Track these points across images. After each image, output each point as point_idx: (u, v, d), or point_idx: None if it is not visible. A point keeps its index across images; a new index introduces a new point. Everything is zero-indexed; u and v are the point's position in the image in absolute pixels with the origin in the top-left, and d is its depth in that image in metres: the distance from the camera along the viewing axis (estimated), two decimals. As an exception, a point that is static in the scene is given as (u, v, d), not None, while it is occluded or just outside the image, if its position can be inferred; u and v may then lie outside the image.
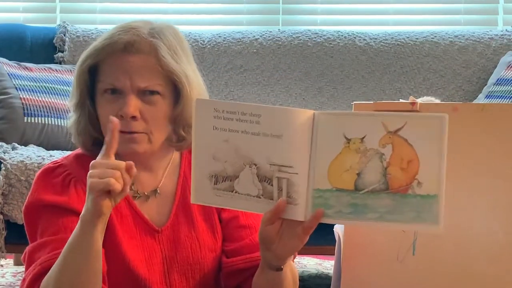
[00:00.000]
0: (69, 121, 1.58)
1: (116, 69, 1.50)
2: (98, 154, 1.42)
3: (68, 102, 1.57)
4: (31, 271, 1.47)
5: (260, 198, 1.36)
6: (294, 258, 1.57)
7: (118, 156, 1.45)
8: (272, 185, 1.35)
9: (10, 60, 3.06)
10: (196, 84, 1.58)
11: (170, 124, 1.55)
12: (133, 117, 1.49)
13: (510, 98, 2.98)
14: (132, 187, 1.57)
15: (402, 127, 1.30)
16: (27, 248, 1.52)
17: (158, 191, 1.60)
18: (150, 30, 1.53)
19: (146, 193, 1.59)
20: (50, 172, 1.55)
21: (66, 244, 1.41)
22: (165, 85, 1.53)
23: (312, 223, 1.33)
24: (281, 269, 1.44)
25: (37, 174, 1.56)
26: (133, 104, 1.49)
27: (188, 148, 1.59)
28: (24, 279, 1.48)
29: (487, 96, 3.08)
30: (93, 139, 1.56)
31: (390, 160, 1.31)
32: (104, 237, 1.44)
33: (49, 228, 1.50)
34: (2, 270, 3.18)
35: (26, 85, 2.96)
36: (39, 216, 1.52)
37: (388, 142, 1.30)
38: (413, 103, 1.52)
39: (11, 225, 2.47)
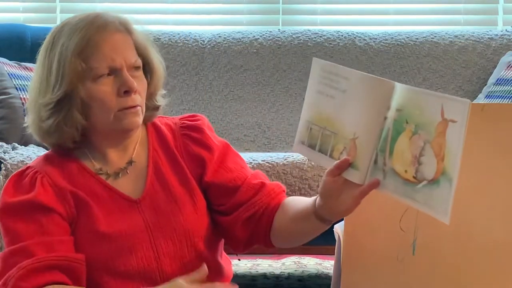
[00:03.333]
0: (46, 121, 1.57)
1: (109, 50, 1.54)
2: (80, 144, 1.59)
3: (41, 99, 1.56)
4: (14, 274, 1.49)
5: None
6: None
7: (106, 134, 1.58)
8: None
9: (10, 60, 3.06)
10: (158, 59, 1.67)
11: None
12: (135, 91, 1.56)
13: (510, 98, 2.98)
14: (101, 169, 1.62)
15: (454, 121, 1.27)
16: (1, 255, 1.55)
17: (134, 160, 1.64)
18: (115, 16, 1.61)
19: (118, 170, 1.63)
20: (19, 176, 1.59)
21: None
22: (140, 62, 1.60)
23: (368, 190, 1.40)
24: (330, 223, 1.53)
25: (9, 179, 1.59)
26: (132, 79, 1.55)
27: (152, 119, 1.68)
28: (5, 283, 1.50)
29: (487, 96, 3.08)
30: (82, 129, 1.58)
31: (432, 146, 1.29)
32: (83, 220, 1.54)
33: (21, 232, 1.53)
34: (2, 270, 3.19)
35: (26, 85, 2.95)
36: (8, 220, 1.55)
37: (441, 130, 1.28)
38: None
39: (11, 225, 2.47)
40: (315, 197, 1.52)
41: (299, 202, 1.60)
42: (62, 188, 1.56)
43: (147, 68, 1.62)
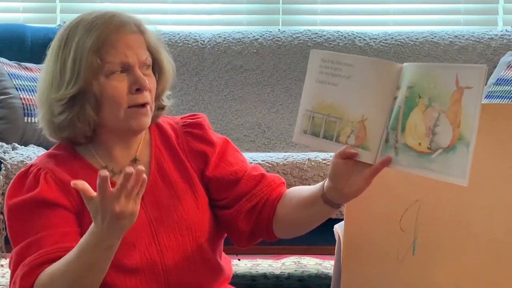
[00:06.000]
0: (59, 116, 1.59)
1: (123, 48, 1.57)
2: (90, 140, 1.60)
3: (54, 94, 1.58)
4: (19, 273, 1.51)
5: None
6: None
7: (115, 131, 1.60)
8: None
9: (10, 60, 3.06)
10: (169, 60, 1.69)
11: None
12: (146, 89, 1.58)
13: (510, 98, 2.98)
14: (107, 167, 1.63)
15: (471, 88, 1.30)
16: (12, 253, 1.57)
17: (137, 159, 1.65)
18: (130, 16, 1.65)
19: (123, 168, 1.62)
20: (23, 175, 1.60)
21: (82, 251, 1.45)
22: (151, 61, 1.63)
23: (380, 168, 1.42)
24: (339, 207, 1.54)
25: (13, 179, 1.61)
26: (144, 77, 1.58)
27: (157, 120, 1.70)
28: (14, 282, 1.52)
29: (487, 96, 3.08)
30: (94, 125, 1.60)
31: (447, 115, 1.32)
32: (88, 214, 1.52)
33: (27, 229, 1.54)
34: (2, 270, 3.19)
35: (26, 85, 2.96)
36: (14, 220, 1.57)
37: (457, 98, 1.31)
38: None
39: (11, 225, 2.48)
40: (322, 181, 1.53)
41: (304, 189, 1.61)
42: (65, 182, 1.57)
43: (156, 68, 1.64)
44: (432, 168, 1.33)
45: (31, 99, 2.91)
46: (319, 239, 2.52)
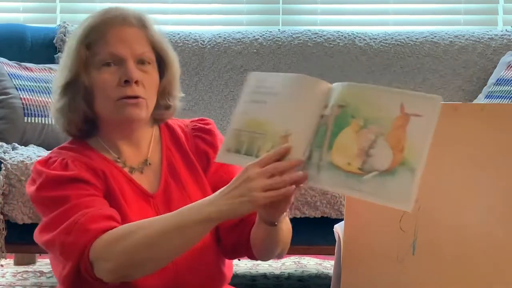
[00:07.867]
0: (56, 104, 1.62)
1: (115, 40, 1.58)
2: (86, 133, 1.62)
3: (53, 84, 1.63)
4: (78, 220, 1.47)
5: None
6: (288, 214, 1.61)
7: (112, 125, 1.60)
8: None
9: (10, 60, 3.06)
10: (174, 58, 1.69)
11: (157, 95, 1.66)
12: (136, 82, 1.58)
13: (510, 98, 2.98)
14: (118, 160, 1.64)
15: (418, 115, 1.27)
16: (45, 221, 1.52)
17: (149, 161, 1.66)
18: (133, 12, 1.65)
19: (135, 167, 1.65)
20: (45, 162, 1.59)
21: (177, 220, 1.43)
22: (154, 57, 1.63)
23: (297, 185, 1.36)
24: (276, 225, 1.52)
25: (34, 166, 1.59)
26: (135, 70, 1.58)
27: (167, 119, 1.72)
28: (67, 231, 1.47)
29: (487, 96, 3.08)
30: (85, 117, 1.61)
31: (387, 139, 1.29)
32: (109, 199, 1.55)
33: (67, 195, 1.51)
34: (2, 270, 3.18)
35: (26, 85, 2.96)
36: (51, 191, 1.53)
37: (401, 124, 1.28)
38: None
39: (11, 225, 2.48)
40: None
41: None
42: (94, 167, 1.58)
43: (162, 65, 1.65)
44: (363, 189, 1.29)
45: (31, 99, 2.91)
46: (319, 239, 2.52)
